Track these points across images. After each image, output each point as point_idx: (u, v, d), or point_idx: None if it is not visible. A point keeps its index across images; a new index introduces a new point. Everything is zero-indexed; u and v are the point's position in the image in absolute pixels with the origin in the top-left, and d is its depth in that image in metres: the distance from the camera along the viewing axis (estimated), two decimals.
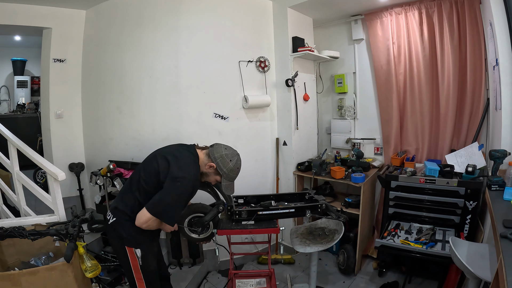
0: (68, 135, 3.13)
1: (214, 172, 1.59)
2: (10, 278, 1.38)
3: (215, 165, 1.57)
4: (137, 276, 1.56)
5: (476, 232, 2.20)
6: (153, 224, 1.45)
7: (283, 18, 2.83)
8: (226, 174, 1.59)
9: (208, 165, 1.58)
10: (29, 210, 2.13)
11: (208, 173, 1.61)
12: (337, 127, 3.32)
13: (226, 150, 1.60)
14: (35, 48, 4.18)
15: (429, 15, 2.58)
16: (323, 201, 1.93)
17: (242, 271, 2.69)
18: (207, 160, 1.59)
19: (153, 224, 1.45)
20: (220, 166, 1.57)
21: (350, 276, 2.65)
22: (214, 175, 1.61)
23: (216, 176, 1.62)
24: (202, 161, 1.59)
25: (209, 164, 1.57)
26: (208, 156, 1.59)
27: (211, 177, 1.63)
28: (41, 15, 2.87)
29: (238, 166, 1.63)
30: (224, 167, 1.58)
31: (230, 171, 1.59)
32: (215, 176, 1.62)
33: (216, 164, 1.57)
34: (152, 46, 2.64)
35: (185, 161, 1.50)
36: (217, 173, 1.60)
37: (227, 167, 1.58)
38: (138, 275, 1.56)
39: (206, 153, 1.61)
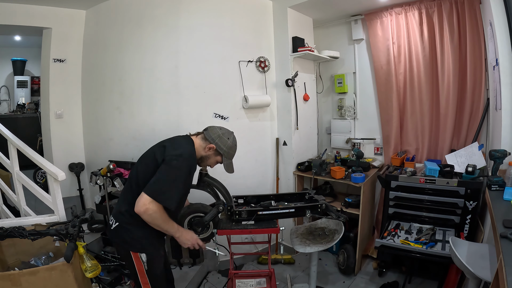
0: (68, 135, 3.13)
1: (214, 153, 1.59)
2: (10, 278, 1.38)
3: (215, 146, 1.57)
4: (143, 280, 1.53)
5: (476, 232, 2.20)
6: (156, 215, 1.37)
7: (283, 18, 2.83)
8: (227, 152, 1.60)
9: (208, 147, 1.57)
10: (29, 210, 2.13)
11: (209, 156, 1.60)
12: (337, 127, 3.32)
13: (221, 130, 1.61)
14: (35, 48, 4.18)
15: (429, 15, 2.58)
16: (323, 201, 1.93)
17: (242, 271, 2.69)
18: (204, 143, 1.58)
19: (155, 215, 1.37)
20: (220, 145, 1.58)
21: (350, 276, 2.65)
22: (214, 156, 1.61)
23: (217, 157, 1.62)
24: (199, 146, 1.58)
25: (209, 146, 1.57)
26: (205, 139, 1.58)
27: (211, 159, 1.62)
28: (41, 15, 2.87)
29: (235, 142, 1.65)
30: (223, 146, 1.58)
31: (229, 148, 1.61)
32: (216, 157, 1.62)
33: (215, 145, 1.57)
34: (152, 46, 2.64)
35: (179, 142, 1.53)
36: (217, 154, 1.60)
37: (226, 145, 1.59)
38: (144, 280, 1.53)
39: (202, 137, 1.60)
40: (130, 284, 2.30)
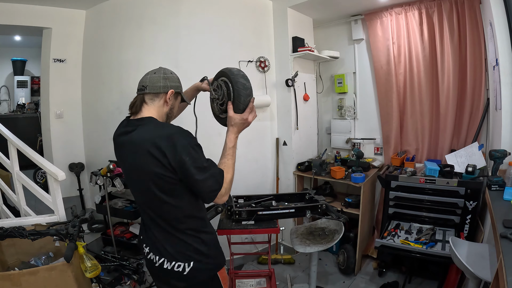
0: (68, 135, 3.13)
1: (174, 96, 1.26)
2: (10, 278, 1.38)
3: (173, 89, 1.23)
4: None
5: (476, 232, 2.20)
6: (228, 189, 1.15)
7: (283, 18, 2.83)
8: (180, 86, 1.32)
9: (167, 99, 1.22)
10: (29, 210, 2.13)
11: (173, 105, 1.29)
12: (337, 127, 3.32)
13: (155, 73, 1.26)
14: (35, 48, 4.19)
15: (429, 15, 2.58)
16: (323, 201, 1.93)
17: (242, 271, 2.69)
18: (159, 100, 1.21)
19: (228, 191, 1.14)
20: (174, 85, 1.26)
21: (350, 276, 2.65)
22: (175, 100, 1.29)
23: (178, 98, 1.32)
24: (158, 108, 1.22)
25: (167, 97, 1.21)
26: (156, 95, 1.21)
27: (176, 104, 1.32)
28: (41, 15, 2.87)
29: (172, 71, 1.33)
30: (176, 82, 1.28)
31: (178, 80, 1.31)
32: (177, 99, 1.31)
33: (173, 88, 1.24)
34: (152, 46, 2.64)
35: (155, 130, 1.10)
36: (176, 95, 1.28)
37: (176, 80, 1.29)
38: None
39: (151, 98, 1.21)
40: (130, 284, 2.30)
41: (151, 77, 1.23)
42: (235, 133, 1.23)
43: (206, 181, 1.04)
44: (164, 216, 1.12)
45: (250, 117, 1.25)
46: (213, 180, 1.06)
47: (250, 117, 1.24)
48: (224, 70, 1.27)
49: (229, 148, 1.20)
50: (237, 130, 1.23)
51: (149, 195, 1.09)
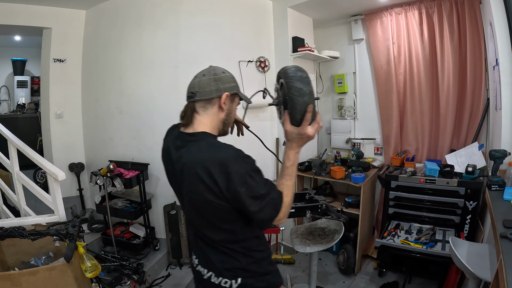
0: (68, 135, 3.13)
1: (230, 99, 1.07)
2: (10, 278, 1.38)
3: (227, 93, 1.04)
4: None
5: (476, 232, 2.20)
6: (286, 213, 1.00)
7: (283, 18, 2.83)
8: (236, 86, 1.11)
9: (222, 104, 1.04)
10: (29, 210, 2.13)
11: (230, 109, 1.10)
12: (337, 127, 3.32)
13: (204, 76, 1.07)
14: (35, 48, 4.18)
15: (429, 15, 2.58)
16: (323, 201, 1.93)
17: None
18: (212, 107, 1.05)
19: (286, 214, 1.00)
20: (228, 86, 1.06)
21: (350, 276, 2.65)
22: (232, 104, 1.11)
23: (235, 100, 1.13)
24: (212, 117, 1.06)
25: (222, 101, 1.04)
26: (208, 102, 1.05)
27: (233, 108, 1.13)
28: (41, 15, 2.87)
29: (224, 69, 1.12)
30: (230, 83, 1.07)
31: (234, 79, 1.11)
32: (234, 103, 1.12)
33: (226, 90, 1.04)
34: (152, 46, 2.64)
35: (216, 154, 0.94)
36: (233, 97, 1.09)
37: (230, 79, 1.08)
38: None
39: (202, 105, 1.06)
40: (130, 284, 2.30)
41: (200, 80, 1.05)
42: (294, 149, 1.04)
43: (262, 210, 0.92)
44: (213, 238, 1.01)
45: (310, 129, 0.99)
46: (270, 208, 0.94)
47: (310, 130, 0.99)
48: (281, 70, 1.05)
49: (287, 168, 1.05)
50: (296, 145, 1.04)
51: (197, 215, 1.00)
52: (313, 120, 0.99)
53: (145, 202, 2.64)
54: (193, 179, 0.92)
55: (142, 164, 2.68)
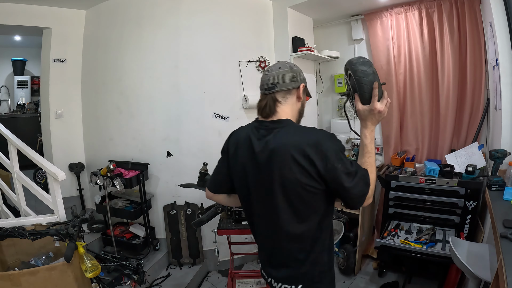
0: (68, 135, 3.13)
1: (303, 90, 1.12)
2: (10, 278, 1.38)
3: (303, 84, 1.12)
4: None
5: (476, 232, 2.20)
6: (371, 195, 1.00)
7: (283, 18, 2.83)
8: (305, 78, 1.16)
9: (299, 94, 1.11)
10: (29, 210, 2.13)
11: (303, 102, 1.17)
12: (337, 127, 3.32)
13: (280, 68, 1.12)
14: (35, 48, 4.18)
15: (429, 15, 2.58)
16: None
17: (242, 271, 2.69)
18: (291, 96, 1.10)
19: (371, 196, 1.00)
20: (302, 78, 1.13)
21: (350, 276, 2.65)
22: (304, 93, 1.14)
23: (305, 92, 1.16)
24: (293, 106, 1.12)
25: (300, 92, 1.11)
26: (288, 92, 1.09)
27: (305, 99, 1.18)
28: (41, 15, 2.87)
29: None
30: (302, 75, 1.15)
31: (302, 72, 1.17)
32: (305, 93, 1.16)
33: (302, 82, 1.11)
34: (152, 46, 2.64)
35: (309, 136, 0.97)
36: (304, 89, 1.13)
37: (302, 72, 1.16)
38: None
39: (283, 96, 1.10)
40: (130, 284, 2.30)
41: (279, 72, 1.09)
42: (369, 127, 1.06)
43: (356, 186, 0.93)
44: (297, 232, 0.99)
45: (380, 105, 1.02)
46: (362, 183, 0.95)
47: (379, 106, 1.02)
48: (346, 62, 1.13)
49: (365, 146, 1.04)
50: (370, 123, 1.06)
51: (285, 206, 0.97)
52: (381, 97, 1.03)
53: (145, 202, 2.64)
54: (286, 163, 0.93)
55: (142, 164, 2.68)
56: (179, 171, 2.69)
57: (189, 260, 2.72)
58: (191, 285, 2.52)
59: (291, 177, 0.93)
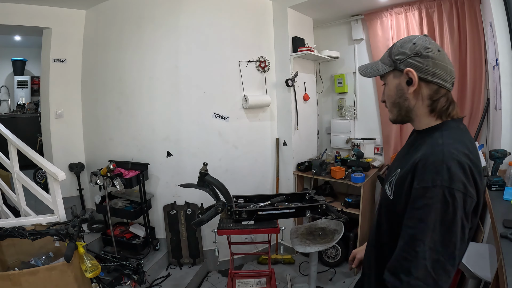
0: (68, 135, 3.13)
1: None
2: (10, 278, 1.38)
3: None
4: None
5: (476, 232, 2.19)
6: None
7: (283, 18, 2.83)
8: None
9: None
10: (29, 210, 2.13)
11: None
12: (337, 127, 3.32)
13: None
14: (35, 48, 4.18)
15: (429, 15, 2.58)
16: (323, 201, 1.93)
17: (242, 271, 2.69)
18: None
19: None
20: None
21: (350, 276, 2.65)
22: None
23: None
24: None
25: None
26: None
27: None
28: (41, 15, 2.87)
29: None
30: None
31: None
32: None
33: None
34: (152, 46, 2.64)
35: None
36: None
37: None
38: None
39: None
40: (130, 284, 2.30)
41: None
42: None
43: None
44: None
45: None
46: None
47: None
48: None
49: None
50: None
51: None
52: None
53: (145, 202, 2.64)
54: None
55: (142, 164, 2.68)
56: (179, 171, 2.69)
57: (189, 260, 2.72)
58: (191, 285, 2.52)
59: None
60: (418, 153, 0.78)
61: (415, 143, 0.87)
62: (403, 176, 0.79)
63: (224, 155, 2.76)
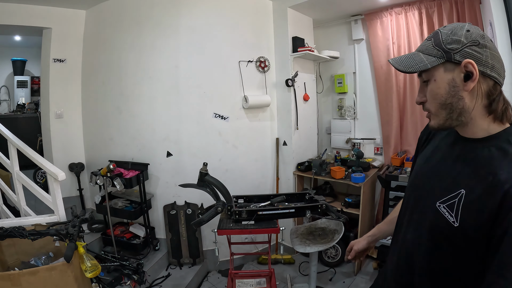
0: (68, 135, 3.13)
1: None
2: (10, 278, 1.38)
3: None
4: None
5: None
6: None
7: (283, 18, 2.83)
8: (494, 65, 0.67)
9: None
10: (29, 210, 2.13)
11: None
12: (337, 127, 3.32)
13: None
14: (35, 48, 4.18)
15: (429, 15, 2.58)
16: (323, 201, 1.93)
17: (242, 271, 2.69)
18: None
19: None
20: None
21: (350, 276, 2.65)
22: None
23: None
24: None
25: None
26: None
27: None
28: (41, 15, 2.87)
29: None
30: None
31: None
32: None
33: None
34: (152, 46, 2.64)
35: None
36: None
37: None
38: None
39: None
40: (130, 284, 2.30)
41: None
42: None
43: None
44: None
45: None
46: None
47: None
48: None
49: None
50: None
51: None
52: None
53: (145, 202, 2.64)
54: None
55: (142, 164, 2.68)
56: (179, 171, 2.69)
57: (189, 260, 2.72)
58: (191, 285, 2.52)
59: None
60: (498, 174, 0.63)
61: (464, 154, 0.72)
62: (478, 201, 0.64)
63: (224, 155, 2.76)
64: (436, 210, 0.71)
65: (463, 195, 0.67)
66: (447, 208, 0.70)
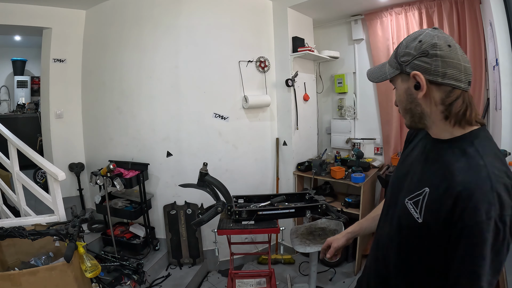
0: (68, 135, 3.13)
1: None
2: (10, 278, 1.38)
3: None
4: None
5: None
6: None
7: (283, 18, 2.83)
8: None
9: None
10: (29, 210, 2.13)
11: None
12: (337, 127, 3.32)
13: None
14: (35, 48, 4.18)
15: (429, 15, 2.58)
16: (323, 201, 1.93)
17: (242, 271, 2.69)
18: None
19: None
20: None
21: (350, 276, 2.65)
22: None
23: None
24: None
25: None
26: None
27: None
28: (41, 15, 2.87)
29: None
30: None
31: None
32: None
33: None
34: (152, 46, 2.64)
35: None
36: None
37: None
38: None
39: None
40: (130, 284, 2.30)
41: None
42: None
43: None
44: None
45: None
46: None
47: None
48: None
49: None
50: None
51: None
52: None
53: (145, 202, 2.64)
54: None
55: (142, 164, 2.68)
56: (179, 171, 2.69)
57: (189, 260, 2.72)
58: (191, 285, 2.52)
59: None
60: (455, 175, 0.67)
61: (432, 154, 0.77)
62: (438, 200, 0.69)
63: (224, 155, 2.76)
64: (404, 206, 0.77)
65: (427, 193, 0.72)
66: (413, 204, 0.75)
